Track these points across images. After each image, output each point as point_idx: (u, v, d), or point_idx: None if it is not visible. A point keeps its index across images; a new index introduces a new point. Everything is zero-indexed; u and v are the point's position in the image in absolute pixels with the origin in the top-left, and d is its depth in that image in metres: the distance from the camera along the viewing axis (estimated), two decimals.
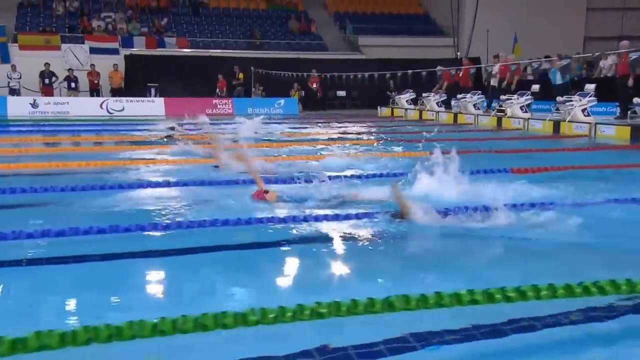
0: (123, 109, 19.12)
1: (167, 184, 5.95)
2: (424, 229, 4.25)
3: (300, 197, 5.14)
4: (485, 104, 15.67)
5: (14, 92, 19.98)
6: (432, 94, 17.58)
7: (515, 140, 11.33)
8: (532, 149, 9.18)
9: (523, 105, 13.08)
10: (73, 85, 20.44)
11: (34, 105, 18.26)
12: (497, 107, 14.22)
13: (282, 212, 4.68)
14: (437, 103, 17.14)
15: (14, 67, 20.06)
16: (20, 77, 20.11)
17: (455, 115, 15.83)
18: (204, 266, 3.54)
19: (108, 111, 18.93)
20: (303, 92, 21.44)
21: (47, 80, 20.26)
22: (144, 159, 8.15)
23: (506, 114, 13.53)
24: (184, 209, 4.96)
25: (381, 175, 6.41)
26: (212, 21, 25.59)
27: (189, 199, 5.34)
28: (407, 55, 23.01)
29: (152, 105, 19.59)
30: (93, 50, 22.30)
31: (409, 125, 14.95)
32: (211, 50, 23.28)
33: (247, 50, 23.72)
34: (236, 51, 23.43)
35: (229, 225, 4.26)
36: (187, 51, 23.04)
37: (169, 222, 4.42)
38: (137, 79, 21.24)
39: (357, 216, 4.48)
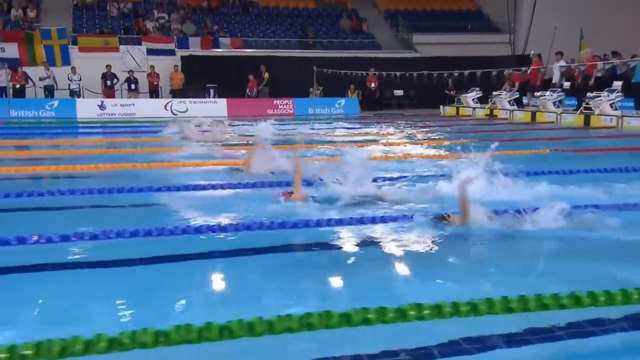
0: (187, 110, 19.74)
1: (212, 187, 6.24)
2: (480, 231, 4.27)
3: (346, 200, 5.21)
4: (564, 102, 15.91)
5: (75, 94, 20.75)
6: (504, 92, 17.83)
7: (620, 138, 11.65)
8: None
9: (613, 102, 13.38)
10: (133, 86, 21.14)
11: (102, 107, 18.99)
12: (584, 105, 14.50)
13: (322, 214, 4.87)
14: (509, 101, 17.42)
15: (74, 69, 20.82)
16: (81, 79, 20.89)
17: (533, 113, 16.09)
18: (257, 269, 3.70)
19: (172, 112, 19.57)
20: (360, 91, 21.84)
21: (108, 82, 20.99)
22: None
23: (594, 112, 13.86)
24: (229, 213, 5.10)
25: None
26: (263, 20, 26.14)
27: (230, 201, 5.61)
28: (461, 52, 23.26)
29: (214, 107, 20.19)
30: (150, 52, 22.97)
31: (489, 124, 15.17)
32: (265, 50, 23.84)
33: (301, 50, 24.21)
34: (289, 51, 23.93)
35: (275, 229, 4.45)
36: (244, 51, 23.61)
37: (227, 224, 4.65)
38: (194, 80, 21.88)
39: (396, 219, 4.59)
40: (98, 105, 18.95)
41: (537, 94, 16.31)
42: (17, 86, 19.70)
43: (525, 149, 9.43)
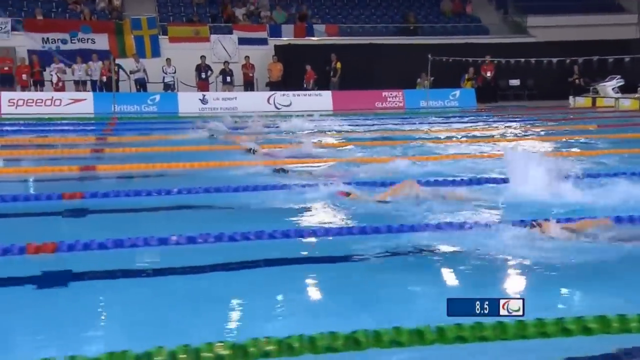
0: (290, 104, 19.02)
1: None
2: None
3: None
4: None
5: (169, 87, 20.34)
6: None
7: None
8: None
9: None
10: (228, 79, 20.59)
11: (203, 101, 18.49)
12: None
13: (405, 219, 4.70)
14: None
15: (169, 61, 20.36)
16: (175, 72, 20.47)
17: None
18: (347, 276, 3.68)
19: (275, 106, 18.89)
20: (473, 81, 20.59)
21: (203, 75, 20.49)
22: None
23: None
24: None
25: None
26: (356, 5, 25.14)
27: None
28: (582, 36, 21.64)
29: (319, 100, 19.37)
30: (241, 41, 22.34)
31: None
32: (363, 38, 22.81)
33: (401, 37, 23.09)
34: (389, 38, 22.83)
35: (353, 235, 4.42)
36: (342, 39, 22.66)
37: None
38: (290, 71, 21.15)
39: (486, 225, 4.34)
40: (200, 99, 18.42)
41: None
42: (104, 79, 19.50)
43: None
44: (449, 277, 3.75)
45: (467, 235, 4.20)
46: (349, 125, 13.82)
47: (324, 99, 19.33)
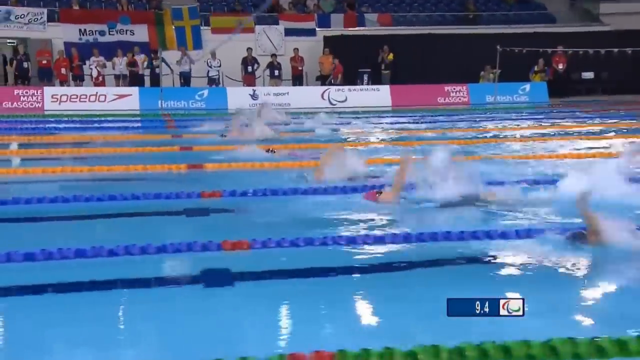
0: (345, 100, 17.99)
1: None
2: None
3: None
4: None
5: (213, 82, 19.45)
6: None
7: None
8: None
9: None
10: (276, 72, 19.64)
11: (254, 96, 17.56)
12: None
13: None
14: None
15: (214, 55, 19.50)
16: (220, 65, 19.58)
17: None
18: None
19: (330, 102, 17.87)
20: (544, 74, 19.27)
21: (249, 68, 19.56)
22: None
23: None
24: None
25: None
26: None
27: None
28: None
29: (377, 95, 18.28)
30: (288, 32, 21.40)
31: None
32: (418, 28, 21.63)
33: (458, 26, 21.86)
34: (447, 28, 21.61)
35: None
36: (396, 29, 21.51)
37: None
38: (342, 64, 20.09)
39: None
40: (250, 95, 17.49)
41: None
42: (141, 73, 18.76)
43: None
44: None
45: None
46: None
47: (381, 94, 18.25)
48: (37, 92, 16.07)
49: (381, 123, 13.62)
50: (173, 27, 20.65)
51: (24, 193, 5.97)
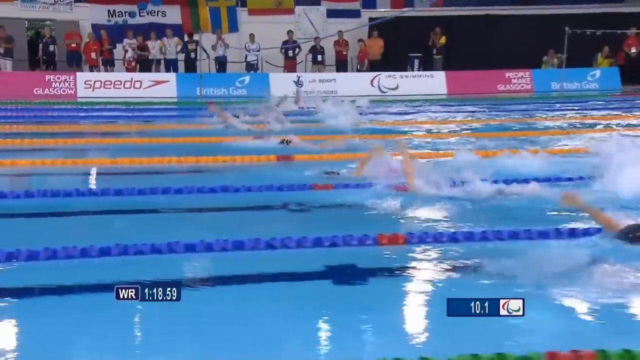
0: (397, 87, 16.76)
1: None
2: None
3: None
4: None
5: (251, 67, 18.32)
6: None
7: None
8: None
9: None
10: (319, 57, 18.45)
11: (298, 83, 16.43)
12: None
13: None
14: None
15: (252, 37, 18.35)
16: (259, 50, 18.45)
17: None
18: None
19: (380, 89, 16.66)
20: (613, 60, 17.80)
21: (290, 53, 18.42)
22: None
23: None
24: None
25: None
26: None
27: None
28: None
29: (431, 82, 16.99)
30: (330, 13, 20.18)
31: None
32: (473, 8, 20.19)
33: (518, 7, 20.39)
34: (506, 8, 20.17)
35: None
36: (447, 9, 20.13)
37: None
38: (389, 49, 18.84)
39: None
40: (294, 81, 16.36)
41: None
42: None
43: None
44: None
45: None
46: None
47: (436, 81, 16.97)
48: (69, 78, 15.08)
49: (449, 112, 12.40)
50: (207, 8, 19.64)
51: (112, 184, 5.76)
